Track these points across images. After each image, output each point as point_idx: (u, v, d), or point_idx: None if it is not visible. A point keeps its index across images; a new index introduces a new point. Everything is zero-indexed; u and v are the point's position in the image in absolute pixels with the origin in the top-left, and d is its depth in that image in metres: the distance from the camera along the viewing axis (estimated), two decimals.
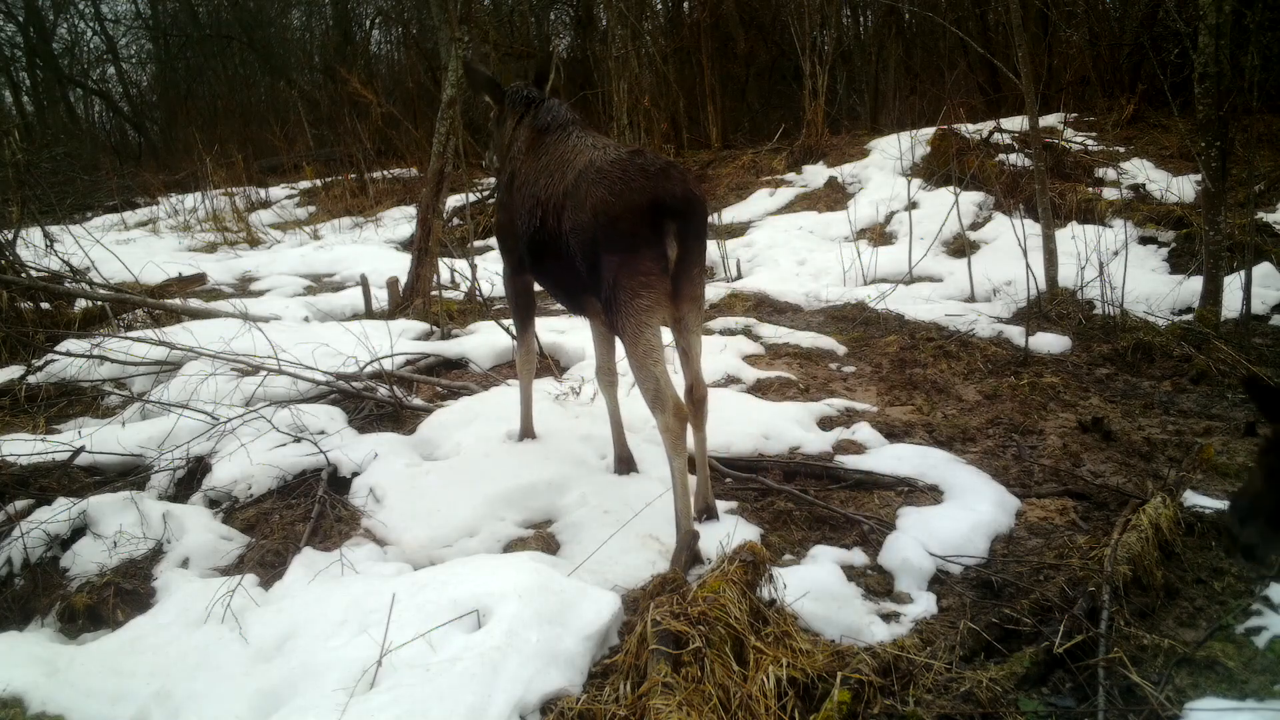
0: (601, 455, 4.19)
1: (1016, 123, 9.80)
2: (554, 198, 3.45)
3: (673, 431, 3.26)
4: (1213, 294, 5.69)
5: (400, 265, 8.10)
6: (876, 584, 3.19)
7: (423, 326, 6.54)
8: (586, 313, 3.96)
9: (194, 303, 7.69)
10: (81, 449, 4.25)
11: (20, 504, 3.83)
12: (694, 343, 3.45)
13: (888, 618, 2.98)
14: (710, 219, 9.23)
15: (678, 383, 3.46)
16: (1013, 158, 9.43)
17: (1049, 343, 5.78)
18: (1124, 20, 12.31)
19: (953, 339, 5.92)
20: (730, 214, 10.37)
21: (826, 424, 4.67)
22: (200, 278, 8.97)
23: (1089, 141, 10.38)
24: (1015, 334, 5.97)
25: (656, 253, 3.17)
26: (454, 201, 10.65)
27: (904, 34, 14.79)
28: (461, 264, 8.19)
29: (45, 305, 6.78)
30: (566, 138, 3.65)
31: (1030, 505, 3.68)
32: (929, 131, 10.55)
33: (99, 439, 4.42)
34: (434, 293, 7.09)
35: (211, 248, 11.57)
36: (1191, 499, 3.44)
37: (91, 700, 2.65)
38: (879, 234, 9.00)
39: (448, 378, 5.53)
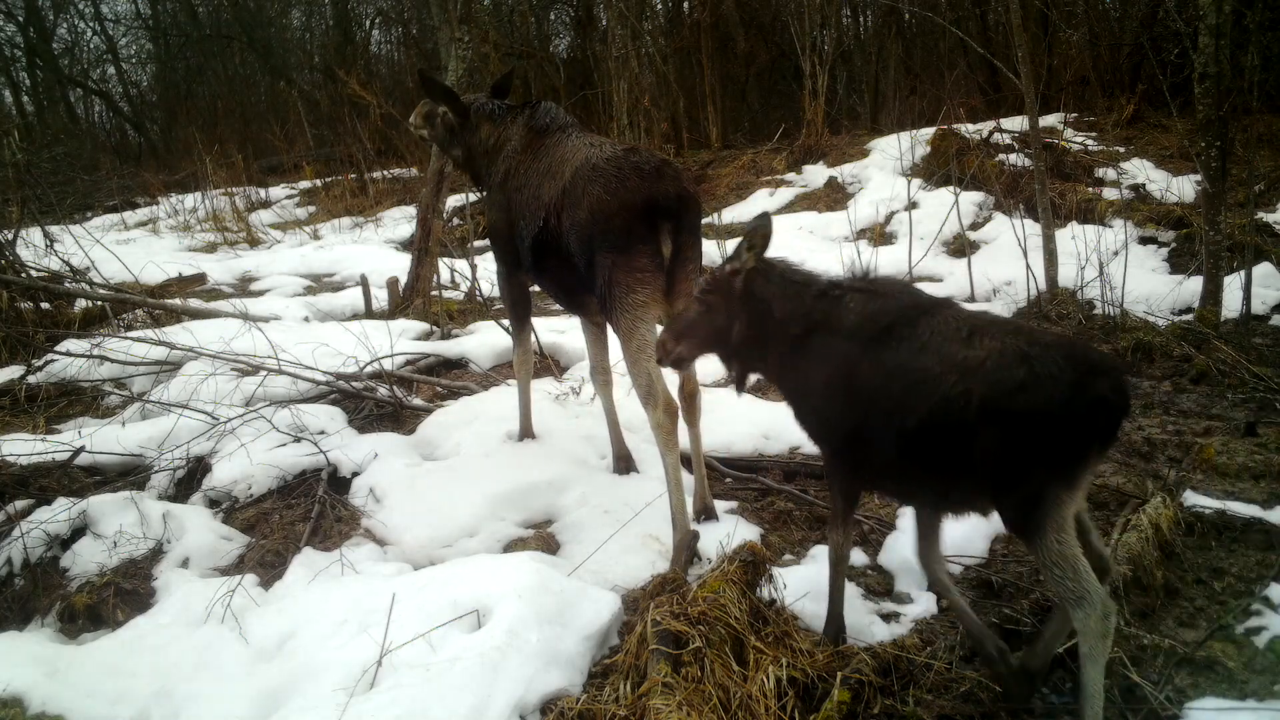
0: (601, 455, 4.19)
1: (1016, 123, 9.79)
2: (554, 198, 3.47)
3: (664, 428, 3.28)
4: (1213, 294, 5.67)
5: (400, 265, 8.09)
6: (876, 584, 3.19)
7: (423, 326, 6.54)
8: (585, 312, 3.97)
9: (194, 303, 7.69)
10: (81, 449, 4.26)
11: (20, 504, 3.84)
12: None
13: (888, 618, 2.99)
14: (710, 219, 9.27)
15: (673, 382, 3.47)
16: (1013, 158, 9.41)
17: None
18: (1124, 20, 12.31)
19: None
20: (730, 214, 10.35)
21: None
22: (200, 278, 8.97)
23: (1089, 141, 10.36)
24: None
25: (651, 249, 3.20)
26: (454, 201, 10.64)
27: (904, 34, 14.77)
28: (461, 264, 8.19)
29: (45, 305, 6.78)
30: (565, 139, 3.67)
31: None
32: (929, 131, 10.53)
33: (99, 439, 4.43)
34: (434, 293, 7.08)
35: (211, 248, 11.56)
36: (1191, 499, 3.44)
37: (91, 700, 2.65)
38: (879, 234, 8.98)
39: (448, 378, 5.53)
